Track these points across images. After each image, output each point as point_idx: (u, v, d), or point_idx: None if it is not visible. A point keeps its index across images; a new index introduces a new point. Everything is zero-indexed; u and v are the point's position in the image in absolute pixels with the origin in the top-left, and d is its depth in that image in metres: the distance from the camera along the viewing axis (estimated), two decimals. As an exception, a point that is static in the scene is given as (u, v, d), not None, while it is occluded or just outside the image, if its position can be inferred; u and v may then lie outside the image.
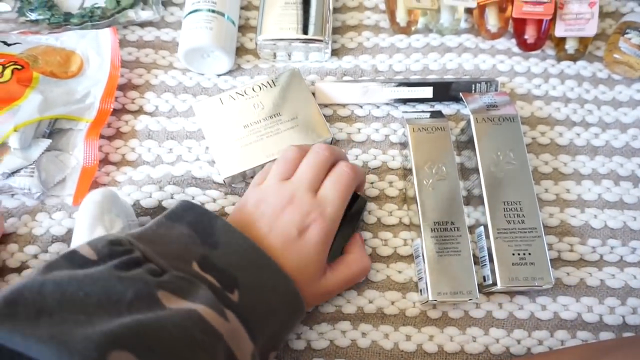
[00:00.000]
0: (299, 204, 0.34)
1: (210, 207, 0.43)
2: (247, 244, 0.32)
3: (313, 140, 0.43)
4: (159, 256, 0.29)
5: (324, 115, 0.46)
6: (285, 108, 0.45)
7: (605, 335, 0.39)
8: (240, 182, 0.44)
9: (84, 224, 0.34)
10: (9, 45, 0.46)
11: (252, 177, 0.44)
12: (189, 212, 0.33)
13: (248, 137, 0.43)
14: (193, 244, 0.31)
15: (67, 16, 0.49)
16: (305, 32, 0.47)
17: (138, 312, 0.25)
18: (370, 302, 0.40)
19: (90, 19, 0.49)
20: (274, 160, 0.41)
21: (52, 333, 0.22)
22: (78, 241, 0.35)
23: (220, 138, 0.43)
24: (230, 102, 0.45)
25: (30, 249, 0.40)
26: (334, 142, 0.46)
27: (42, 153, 0.42)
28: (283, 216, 0.34)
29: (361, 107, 0.48)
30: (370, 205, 0.44)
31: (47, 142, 0.43)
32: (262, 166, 0.43)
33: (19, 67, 0.44)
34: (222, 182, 0.43)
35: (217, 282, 0.29)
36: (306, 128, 0.44)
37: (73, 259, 0.27)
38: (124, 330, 0.23)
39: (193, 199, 0.43)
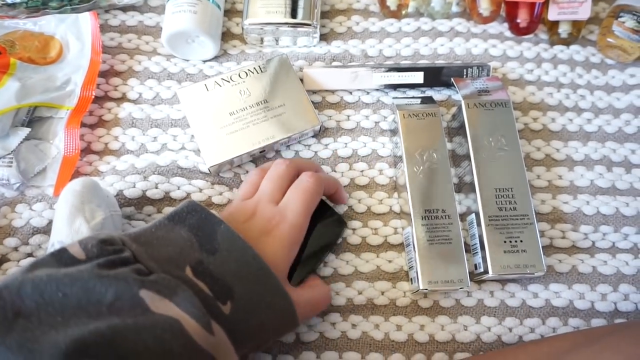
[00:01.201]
0: (261, 214, 0.34)
1: (197, 197, 0.42)
2: (249, 253, 0.30)
3: (301, 128, 0.42)
4: (150, 258, 0.28)
5: (313, 102, 0.45)
6: (272, 95, 0.43)
7: (597, 322, 0.39)
8: (226, 170, 0.43)
9: (63, 215, 0.33)
10: (-16, 30, 0.45)
11: (238, 166, 0.43)
12: (192, 215, 0.31)
13: (234, 125, 0.42)
14: (190, 248, 0.30)
15: (46, 0, 0.47)
16: (293, 16, 0.46)
17: (119, 314, 0.24)
18: (360, 293, 0.40)
19: (69, 2, 0.47)
20: (258, 148, 0.41)
21: (21, 341, 0.22)
22: (57, 232, 0.34)
23: (205, 126, 0.42)
24: (215, 88, 0.43)
25: (10, 242, 0.39)
26: (323, 130, 0.45)
27: (21, 142, 0.41)
28: (248, 226, 0.33)
29: (350, 93, 0.47)
30: (360, 194, 0.43)
31: (26, 131, 0.41)
32: (249, 154, 0.42)
33: (-5, 52, 0.42)
34: (208, 172, 0.42)
35: (209, 290, 0.28)
36: (294, 115, 0.43)
37: (61, 258, 0.26)
38: (97, 338, 0.22)
39: (179, 188, 0.42)
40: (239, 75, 0.44)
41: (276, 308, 0.31)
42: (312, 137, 0.45)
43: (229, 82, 0.44)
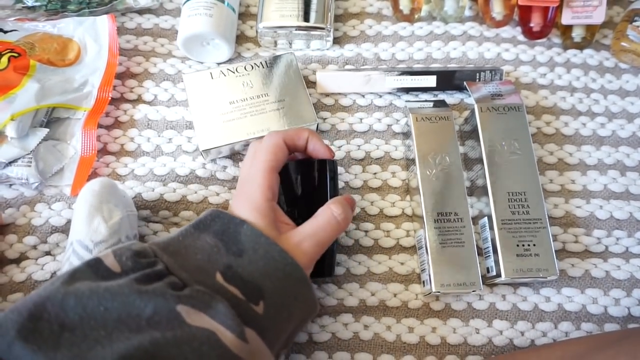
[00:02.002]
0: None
1: (214, 200, 0.42)
2: (275, 249, 0.31)
3: (297, 124, 0.43)
4: (181, 269, 0.29)
5: (325, 105, 0.46)
6: (274, 90, 0.44)
7: (610, 327, 0.39)
8: (220, 157, 0.44)
9: (82, 214, 0.34)
10: (5, 32, 0.45)
11: (238, 154, 0.44)
12: (216, 221, 0.32)
13: (232, 113, 0.43)
14: (217, 254, 0.30)
15: (65, 3, 0.48)
16: (306, 19, 0.46)
17: (157, 328, 0.25)
18: (373, 294, 0.40)
19: (87, 5, 0.48)
20: (253, 138, 0.42)
21: (71, 356, 0.22)
22: (76, 232, 0.34)
23: (204, 111, 0.43)
24: (220, 77, 0.44)
25: (30, 240, 0.40)
26: (318, 129, 0.45)
27: (40, 142, 0.42)
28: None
29: (363, 96, 0.47)
30: (373, 196, 0.43)
31: (44, 132, 0.42)
32: (243, 143, 0.42)
33: (15, 54, 0.43)
34: (201, 154, 0.43)
35: (241, 294, 0.29)
36: (292, 111, 0.43)
37: (98, 269, 0.27)
38: (141, 354, 0.23)
39: (196, 193, 0.42)
40: (245, 68, 0.45)
41: (301, 299, 0.31)
42: None
43: (233, 72, 0.45)
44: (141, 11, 0.51)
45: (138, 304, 0.25)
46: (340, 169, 0.44)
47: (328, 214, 0.34)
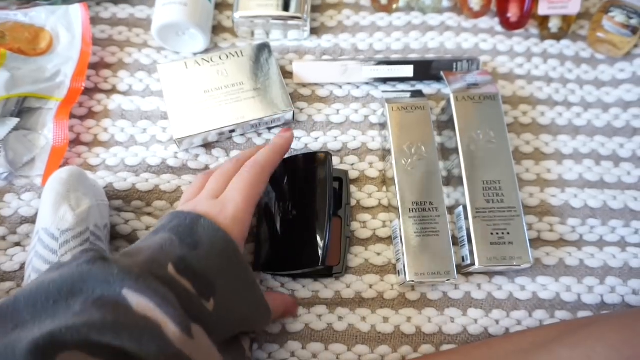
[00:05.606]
0: (199, 210, 0.32)
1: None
2: (230, 247, 0.30)
3: (273, 112, 0.43)
4: (134, 265, 0.27)
5: (302, 95, 0.46)
6: (249, 78, 0.44)
7: (583, 315, 0.39)
8: (193, 147, 0.43)
9: (49, 202, 0.33)
10: (-25, 21, 0.45)
11: (210, 144, 0.43)
12: (174, 220, 0.31)
13: (207, 102, 0.43)
14: (170, 246, 0.29)
15: (37, -8, 0.47)
16: (284, 9, 0.46)
17: (100, 310, 0.24)
18: (348, 286, 0.40)
19: (60, -6, 0.47)
20: (227, 126, 0.41)
21: (6, 343, 0.22)
22: (42, 220, 0.34)
23: (179, 100, 0.43)
24: (195, 67, 0.44)
25: (-2, 231, 0.39)
26: (295, 118, 0.45)
27: (10, 132, 0.41)
28: None
29: (340, 87, 0.47)
30: (350, 188, 0.43)
31: (15, 121, 0.41)
32: (218, 132, 0.42)
33: (-15, 43, 0.42)
34: (175, 143, 0.42)
35: (192, 288, 0.28)
36: (267, 99, 0.43)
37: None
38: (71, 332, 0.23)
39: (169, 182, 0.42)
40: (220, 57, 0.45)
41: (252, 303, 0.31)
42: (284, 124, 0.45)
43: (208, 62, 0.44)
44: (116, 1, 0.50)
45: (84, 286, 0.25)
46: None
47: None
